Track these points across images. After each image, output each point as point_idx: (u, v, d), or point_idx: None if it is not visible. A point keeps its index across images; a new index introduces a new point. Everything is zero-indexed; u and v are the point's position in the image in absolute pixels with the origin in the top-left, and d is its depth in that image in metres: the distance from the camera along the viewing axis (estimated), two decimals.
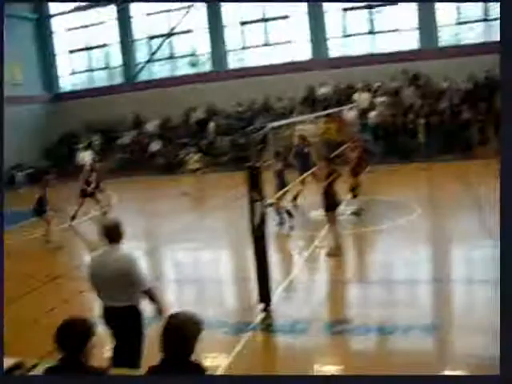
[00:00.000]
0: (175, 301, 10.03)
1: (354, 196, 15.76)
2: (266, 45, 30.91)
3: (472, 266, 11.12)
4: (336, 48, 30.03)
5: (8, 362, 5.14)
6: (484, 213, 13.77)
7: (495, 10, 27.38)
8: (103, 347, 6.64)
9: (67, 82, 35.60)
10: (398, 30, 28.96)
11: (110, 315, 6.22)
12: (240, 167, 17.80)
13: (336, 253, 11.95)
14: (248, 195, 9.08)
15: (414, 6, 28.41)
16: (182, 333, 3.98)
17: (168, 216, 18.24)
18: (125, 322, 6.16)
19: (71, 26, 34.42)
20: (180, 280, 12.12)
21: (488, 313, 7.88)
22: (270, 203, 11.30)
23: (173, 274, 12.71)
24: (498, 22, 27.04)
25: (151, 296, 6.28)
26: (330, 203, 11.95)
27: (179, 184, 21.77)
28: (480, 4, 27.56)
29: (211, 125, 29.16)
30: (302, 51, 30.24)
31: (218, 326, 8.56)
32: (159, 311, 6.27)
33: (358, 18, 29.61)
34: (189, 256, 13.95)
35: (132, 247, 14.30)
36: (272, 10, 30.46)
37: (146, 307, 6.38)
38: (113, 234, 6.21)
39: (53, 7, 34.49)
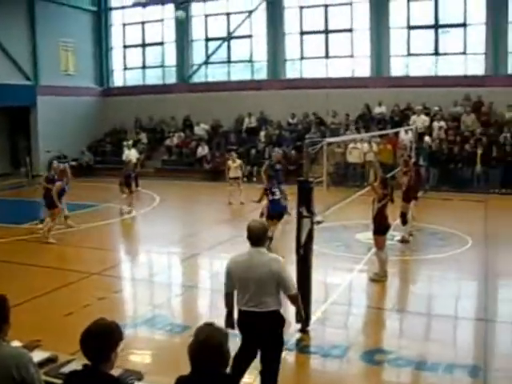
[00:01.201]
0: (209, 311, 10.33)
1: (404, 222, 15.19)
2: (325, 57, 30.12)
3: None
4: (398, 67, 29.17)
5: (42, 355, 5.12)
6: None
7: None
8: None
9: (120, 77, 35.44)
10: (465, 54, 27.96)
11: (253, 321, 6.03)
12: (287, 180, 17.60)
13: (380, 279, 11.67)
14: (297, 210, 8.85)
15: (482, 30, 27.41)
16: (217, 345, 3.81)
17: (208, 225, 17.95)
18: (271, 328, 6.06)
19: (129, 21, 34.29)
20: (217, 290, 11.62)
21: None
22: (319, 221, 10.81)
23: (209, 284, 12.32)
24: None
25: (296, 301, 6.21)
26: (380, 227, 11.64)
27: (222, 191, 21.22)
28: None
29: (262, 134, 28.52)
30: (363, 67, 29.47)
31: None
32: (300, 317, 6.42)
33: (424, 38, 28.69)
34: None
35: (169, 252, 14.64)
36: (334, 21, 29.80)
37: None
38: (260, 236, 6.06)
39: (114, 0, 34.45)
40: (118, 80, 35.46)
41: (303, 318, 6.42)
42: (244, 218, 17.22)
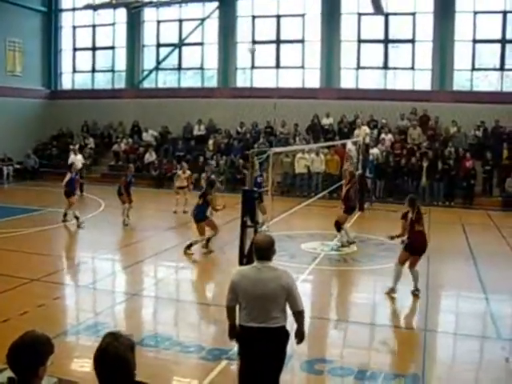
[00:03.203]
0: (153, 319, 10.05)
1: (338, 230, 15.44)
2: (276, 67, 30.25)
3: (458, 317, 10.88)
4: (348, 79, 29.53)
5: None
6: (477, 265, 13.82)
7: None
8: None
9: (69, 79, 34.92)
10: (413, 69, 28.48)
11: (258, 337, 5.82)
12: (235, 189, 17.59)
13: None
14: (241, 220, 8.81)
15: (430, 46, 28.01)
16: (117, 354, 3.57)
17: (153, 232, 17.66)
18: (275, 344, 5.88)
19: (80, 24, 33.87)
20: (161, 298, 11.63)
21: (471, 367, 8.04)
22: (264, 230, 10.82)
23: (153, 292, 12.07)
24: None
25: (301, 318, 6.03)
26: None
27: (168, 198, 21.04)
28: (497, 52, 27.25)
29: (210, 142, 28.43)
30: (313, 78, 29.73)
31: (196, 351, 8.34)
32: (301, 334, 6.09)
33: (374, 52, 29.15)
34: (172, 275, 13.52)
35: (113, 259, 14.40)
36: (286, 32, 30.05)
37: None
38: (268, 251, 5.92)
39: (64, 2, 33.99)
40: (66, 83, 34.91)
41: (304, 336, 6.12)
42: (187, 226, 17.15)
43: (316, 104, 28.07)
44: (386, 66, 29.10)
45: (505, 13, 27.11)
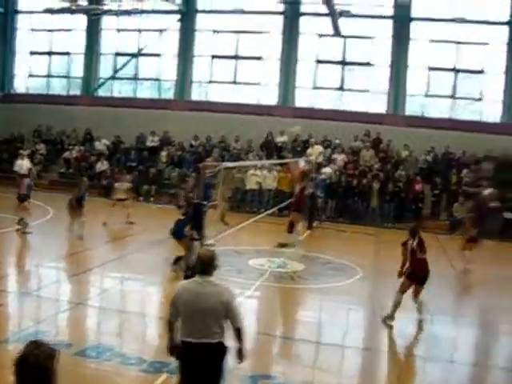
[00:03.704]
0: (98, 330, 9.83)
1: (290, 231, 16.20)
2: (233, 82, 30.34)
3: (404, 339, 10.89)
4: (304, 98, 29.77)
5: None
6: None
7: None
8: None
9: (23, 83, 34.31)
10: (368, 92, 28.92)
11: (198, 352, 5.79)
12: None
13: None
14: (187, 233, 8.82)
15: (386, 71, 28.51)
16: (36, 364, 3.53)
17: (100, 242, 17.49)
18: (215, 360, 5.86)
19: (37, 27, 33.35)
20: (106, 309, 11.42)
21: None
22: (210, 244, 10.81)
23: (97, 302, 11.91)
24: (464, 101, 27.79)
25: (240, 334, 5.98)
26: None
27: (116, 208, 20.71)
28: (451, 80, 27.90)
29: (163, 154, 28.26)
30: (269, 95, 29.91)
31: (137, 363, 8.26)
32: (241, 352, 6.04)
33: (331, 73, 29.50)
34: (117, 286, 13.33)
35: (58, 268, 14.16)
36: (245, 48, 30.17)
37: None
38: (210, 265, 5.91)
39: (22, 4, 33.54)
40: (20, 86, 34.30)
41: (245, 353, 6.08)
42: (132, 239, 17.00)
43: (271, 121, 28.16)
44: (341, 88, 29.45)
45: (458, 43, 27.79)
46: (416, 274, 11.03)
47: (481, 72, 28.12)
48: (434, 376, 9.03)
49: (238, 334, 5.95)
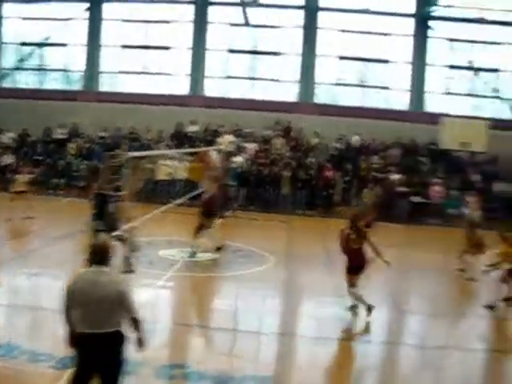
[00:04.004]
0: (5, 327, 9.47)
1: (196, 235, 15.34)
2: (144, 73, 29.93)
3: (318, 322, 11.14)
4: (215, 88, 29.68)
5: None
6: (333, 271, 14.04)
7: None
8: None
9: None
10: (278, 81, 29.10)
11: (92, 343, 5.68)
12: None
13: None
14: (91, 225, 8.58)
15: (297, 60, 28.82)
16: None
17: (9, 238, 16.82)
18: (112, 349, 5.77)
19: None
20: (13, 306, 11.09)
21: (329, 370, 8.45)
22: (120, 236, 10.55)
23: (6, 300, 11.47)
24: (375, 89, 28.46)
25: (137, 324, 5.90)
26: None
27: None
28: (360, 69, 28.50)
29: (71, 146, 27.55)
30: (180, 85, 29.69)
31: (46, 360, 8.07)
32: (140, 341, 5.99)
33: (241, 62, 29.57)
34: (26, 283, 12.75)
35: None
36: (154, 38, 29.77)
37: None
38: (103, 255, 5.82)
39: None
40: None
41: (145, 342, 6.00)
42: (39, 233, 16.51)
43: (182, 111, 27.90)
44: (252, 77, 29.52)
45: (369, 33, 28.49)
46: (350, 264, 10.84)
47: (388, 62, 28.83)
48: (349, 356, 9.23)
49: (135, 323, 5.88)
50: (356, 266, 10.76)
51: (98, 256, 5.78)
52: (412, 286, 14.45)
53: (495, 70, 28.35)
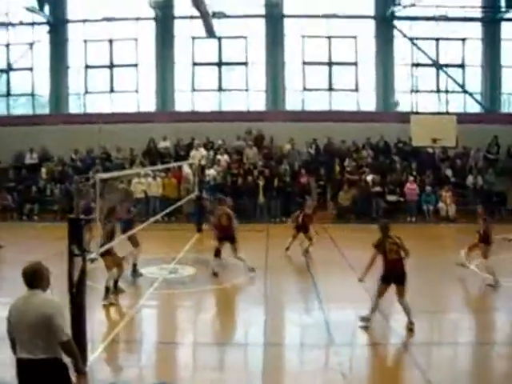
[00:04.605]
0: None
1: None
2: (110, 91, 29.85)
3: (304, 330, 11.20)
4: (183, 102, 29.70)
5: None
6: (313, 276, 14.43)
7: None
8: None
9: None
10: (247, 90, 29.22)
11: (28, 369, 5.57)
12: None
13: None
14: (68, 249, 8.50)
15: (263, 68, 28.97)
16: None
17: None
18: (46, 377, 5.56)
19: None
20: None
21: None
22: (93, 258, 10.48)
23: None
24: (345, 92, 28.65)
25: (68, 350, 5.67)
26: None
27: None
28: (325, 74, 28.74)
29: (43, 170, 27.33)
30: (148, 102, 29.68)
31: None
32: (76, 368, 5.77)
33: (209, 75, 29.69)
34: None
35: None
36: (119, 56, 29.83)
37: None
38: (32, 278, 5.69)
39: None
40: None
41: (82, 369, 5.86)
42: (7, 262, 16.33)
43: (152, 128, 27.75)
44: (220, 88, 29.58)
45: (329, 38, 28.83)
46: (392, 275, 10.31)
47: (354, 64, 29.09)
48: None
49: (65, 348, 5.67)
50: (400, 276, 10.35)
51: (29, 279, 5.70)
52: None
53: (460, 66, 28.72)
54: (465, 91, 28.98)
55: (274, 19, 28.88)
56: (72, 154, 28.09)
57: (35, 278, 5.70)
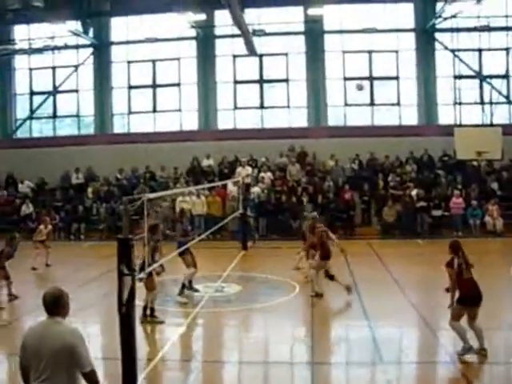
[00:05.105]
0: None
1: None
2: (154, 111, 30.23)
3: (350, 347, 11.09)
4: (226, 120, 29.94)
5: None
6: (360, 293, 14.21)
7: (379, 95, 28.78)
8: None
9: None
10: (288, 107, 29.29)
11: None
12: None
13: None
14: (117, 268, 8.55)
15: (303, 85, 29.03)
16: None
17: (35, 284, 16.89)
18: None
19: None
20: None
21: None
22: (141, 278, 10.60)
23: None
24: (386, 107, 28.51)
25: (90, 380, 5.35)
26: None
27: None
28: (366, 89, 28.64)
29: (89, 190, 27.79)
30: (191, 120, 30.00)
31: None
32: None
33: (250, 92, 29.93)
34: None
35: None
36: (163, 76, 30.32)
37: None
38: (54, 305, 5.39)
39: None
40: None
41: None
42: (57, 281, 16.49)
43: (195, 146, 28.12)
44: (262, 106, 29.72)
45: (370, 52, 28.87)
46: (467, 296, 9.63)
47: (395, 78, 28.93)
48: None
49: (88, 378, 5.37)
50: (476, 297, 9.65)
51: (50, 306, 5.42)
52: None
53: (504, 77, 28.28)
54: (509, 102, 28.54)
55: (314, 35, 28.97)
56: (117, 173, 28.54)
57: (57, 305, 5.43)
